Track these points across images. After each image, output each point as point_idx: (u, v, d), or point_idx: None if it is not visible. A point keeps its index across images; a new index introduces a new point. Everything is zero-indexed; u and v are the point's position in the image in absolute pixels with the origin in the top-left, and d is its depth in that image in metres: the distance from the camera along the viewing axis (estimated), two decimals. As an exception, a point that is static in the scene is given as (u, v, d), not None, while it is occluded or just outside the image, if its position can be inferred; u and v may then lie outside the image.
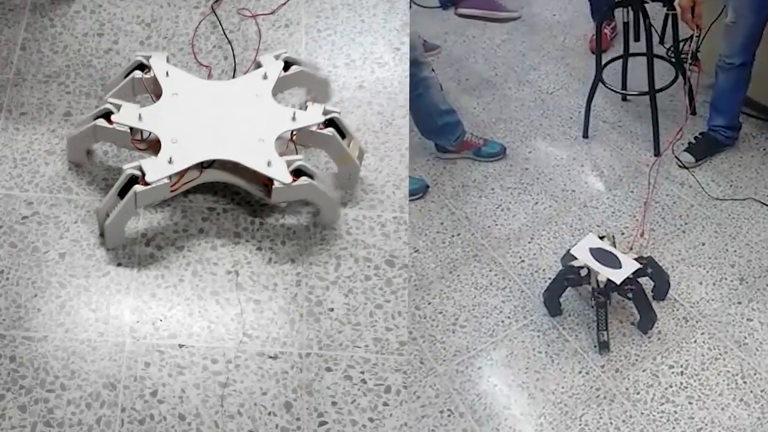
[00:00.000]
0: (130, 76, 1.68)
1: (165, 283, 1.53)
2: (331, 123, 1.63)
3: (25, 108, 1.80)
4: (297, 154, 1.63)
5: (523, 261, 2.86)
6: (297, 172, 1.54)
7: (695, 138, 3.18)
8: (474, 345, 2.58)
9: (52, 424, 1.36)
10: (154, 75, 1.66)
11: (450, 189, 3.20)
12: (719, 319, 2.55)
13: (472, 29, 4.09)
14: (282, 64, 1.70)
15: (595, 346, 2.51)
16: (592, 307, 2.55)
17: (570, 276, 2.56)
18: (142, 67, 1.69)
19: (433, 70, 3.61)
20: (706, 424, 2.28)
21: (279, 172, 1.52)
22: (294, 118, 1.60)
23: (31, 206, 1.64)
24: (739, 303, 2.59)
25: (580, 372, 2.46)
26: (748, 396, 2.33)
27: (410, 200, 3.16)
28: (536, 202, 3.09)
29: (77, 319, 1.47)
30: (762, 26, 2.87)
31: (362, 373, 1.44)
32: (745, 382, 2.36)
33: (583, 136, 3.37)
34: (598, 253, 2.53)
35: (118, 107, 1.59)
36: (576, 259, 2.54)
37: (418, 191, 3.16)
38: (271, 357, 1.44)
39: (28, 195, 1.65)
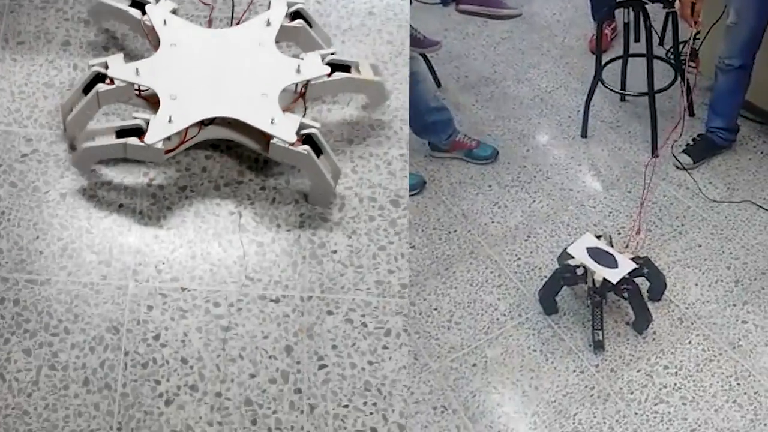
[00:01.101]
0: (128, 13, 1.58)
1: (167, 224, 1.52)
2: (333, 65, 1.55)
3: (22, 37, 1.75)
4: (307, 110, 1.57)
5: (519, 259, 2.85)
6: (307, 139, 1.47)
7: (693, 139, 3.18)
8: (468, 342, 2.58)
9: (56, 368, 1.38)
10: (152, 24, 1.59)
11: (447, 185, 3.19)
12: (714, 321, 2.55)
13: (471, 26, 4.09)
14: (285, 10, 1.61)
15: (590, 346, 2.51)
16: (588, 306, 2.55)
17: (566, 275, 2.56)
18: (140, 6, 1.62)
19: (431, 67, 3.62)
20: (700, 425, 2.28)
21: (283, 131, 1.45)
22: (299, 70, 1.53)
23: (30, 143, 1.60)
24: (734, 305, 2.59)
25: (574, 371, 2.46)
26: (741, 398, 2.33)
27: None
28: (533, 201, 3.09)
29: (80, 262, 1.47)
30: (763, 29, 2.87)
31: (363, 316, 1.44)
32: (738, 384, 2.36)
33: (582, 136, 3.36)
34: (594, 253, 2.53)
35: (105, 65, 1.52)
36: (572, 257, 2.54)
37: (416, 187, 3.15)
38: (272, 300, 1.45)
39: (27, 131, 1.62)
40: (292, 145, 1.44)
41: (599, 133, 3.37)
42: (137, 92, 1.53)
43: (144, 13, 1.60)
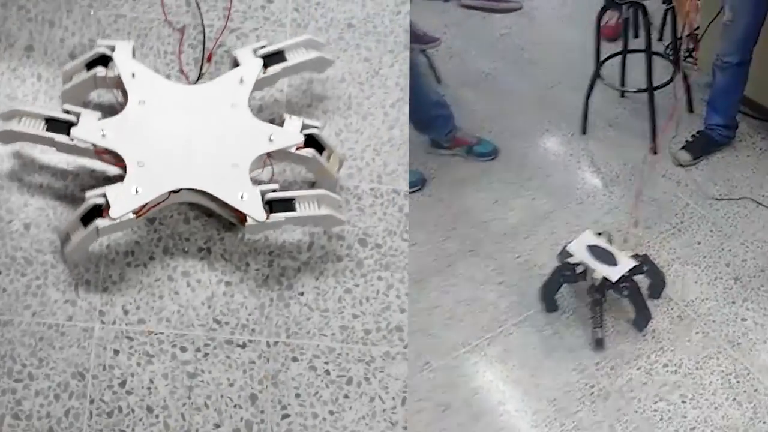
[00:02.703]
0: (92, 71, 1.49)
1: (135, 261, 1.47)
2: (310, 139, 1.51)
3: None
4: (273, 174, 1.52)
5: (519, 257, 2.87)
6: (271, 203, 1.42)
7: (692, 136, 3.19)
8: (470, 340, 2.60)
9: (20, 417, 1.34)
10: (119, 74, 1.49)
11: (447, 183, 3.20)
12: (714, 318, 2.57)
13: (471, 22, 4.09)
14: (260, 64, 1.54)
15: (590, 344, 2.53)
16: (588, 304, 2.57)
17: (566, 272, 2.57)
18: (105, 59, 1.52)
19: (431, 63, 3.63)
20: (699, 423, 2.30)
21: (253, 208, 1.41)
22: (271, 139, 1.47)
23: None
24: (734, 302, 2.61)
25: (574, 369, 2.48)
26: (741, 396, 2.35)
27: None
28: (533, 198, 3.10)
29: (44, 301, 1.42)
30: (759, 25, 2.88)
31: (326, 363, 1.44)
32: (738, 382, 2.38)
33: (581, 132, 3.37)
34: (594, 250, 2.54)
35: (78, 116, 1.44)
36: (572, 255, 2.55)
37: (416, 184, 3.16)
38: (239, 346, 1.43)
39: None
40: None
41: (599, 130, 3.38)
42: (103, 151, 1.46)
43: (106, 66, 1.51)
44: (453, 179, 3.21)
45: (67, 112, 1.45)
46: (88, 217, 1.39)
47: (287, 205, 1.46)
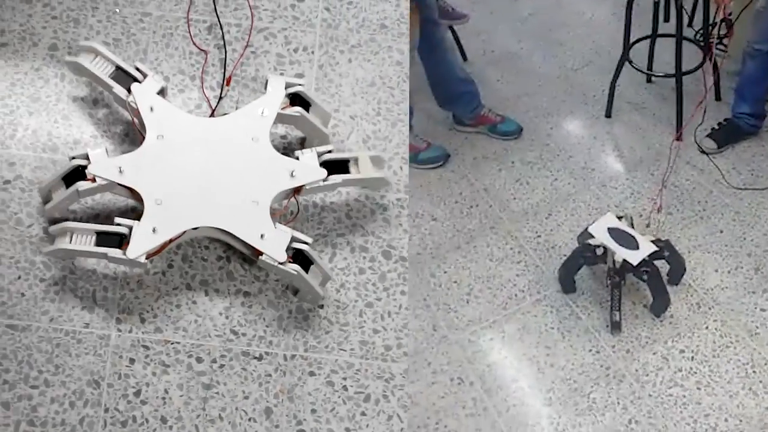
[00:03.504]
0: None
1: (153, 268, 1.44)
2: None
3: (5, 37, 1.60)
4: (299, 211, 1.48)
5: (539, 236, 2.86)
6: (296, 253, 1.38)
7: (718, 124, 3.16)
8: (487, 316, 2.60)
9: (35, 423, 1.32)
10: (137, 107, 1.44)
11: (470, 160, 3.19)
12: (732, 308, 2.56)
13: (499, 1, 4.05)
14: (282, 98, 1.47)
15: (607, 326, 2.53)
16: (607, 286, 2.56)
17: (586, 254, 2.56)
18: (126, 79, 1.46)
19: (458, 40, 3.60)
20: (714, 410, 2.30)
21: (273, 248, 1.35)
22: (293, 175, 1.41)
23: (13, 168, 1.48)
24: (753, 293, 2.60)
25: (590, 350, 2.48)
26: (756, 386, 2.35)
27: (431, 168, 3.15)
28: (555, 179, 3.08)
29: (62, 307, 1.39)
30: (794, 14, 2.84)
31: (344, 379, 1.40)
32: (754, 372, 2.38)
33: (606, 116, 3.35)
34: (615, 233, 2.53)
35: (86, 157, 1.38)
36: (593, 237, 2.54)
37: (439, 159, 3.15)
38: (255, 358, 1.40)
39: (9, 153, 1.48)
40: (282, 263, 1.37)
41: (624, 114, 3.35)
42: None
43: (129, 91, 1.46)
44: (475, 156, 3.20)
45: (73, 158, 1.40)
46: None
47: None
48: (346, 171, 1.44)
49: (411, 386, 2.41)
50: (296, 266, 1.35)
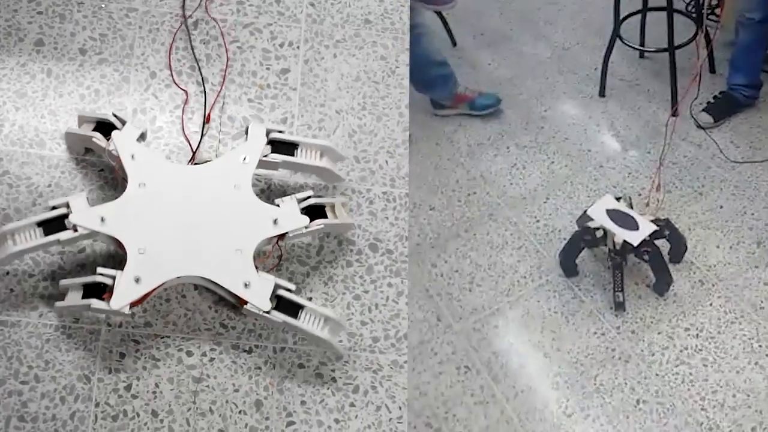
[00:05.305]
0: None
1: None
2: (311, 209, 1.46)
3: None
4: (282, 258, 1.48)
5: (538, 221, 2.85)
6: (280, 300, 1.38)
7: (714, 97, 3.14)
8: (490, 304, 2.59)
9: (26, 419, 1.33)
10: (118, 155, 1.42)
11: (465, 147, 3.17)
12: (736, 283, 2.55)
13: (487, -18, 4.03)
14: (263, 145, 1.46)
15: (610, 308, 2.52)
16: (608, 268, 2.55)
17: (586, 237, 2.55)
18: (109, 127, 1.44)
19: (447, 25, 3.57)
20: (721, 387, 2.30)
21: (257, 297, 1.35)
22: (276, 222, 1.41)
23: (0, 164, 1.48)
24: (756, 267, 2.60)
25: (595, 333, 2.48)
26: (763, 360, 2.34)
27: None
28: (552, 162, 3.07)
29: (52, 303, 1.39)
30: (785, -18, 2.82)
31: (333, 371, 1.41)
32: (760, 346, 2.38)
33: (600, 95, 3.33)
34: (614, 215, 2.52)
35: (67, 205, 1.36)
36: (592, 220, 2.53)
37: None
38: (245, 351, 1.41)
39: None
40: (267, 312, 1.37)
41: (618, 92, 3.33)
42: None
43: (108, 138, 1.44)
44: (470, 143, 3.18)
45: (54, 207, 1.38)
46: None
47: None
48: (324, 215, 1.45)
49: (418, 377, 2.41)
50: (281, 314, 1.35)
